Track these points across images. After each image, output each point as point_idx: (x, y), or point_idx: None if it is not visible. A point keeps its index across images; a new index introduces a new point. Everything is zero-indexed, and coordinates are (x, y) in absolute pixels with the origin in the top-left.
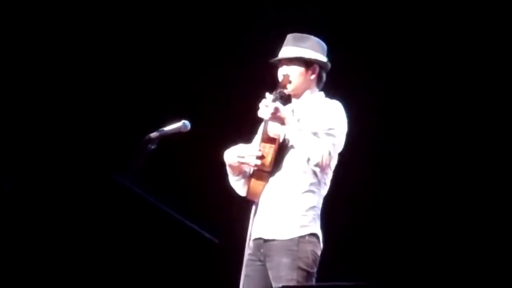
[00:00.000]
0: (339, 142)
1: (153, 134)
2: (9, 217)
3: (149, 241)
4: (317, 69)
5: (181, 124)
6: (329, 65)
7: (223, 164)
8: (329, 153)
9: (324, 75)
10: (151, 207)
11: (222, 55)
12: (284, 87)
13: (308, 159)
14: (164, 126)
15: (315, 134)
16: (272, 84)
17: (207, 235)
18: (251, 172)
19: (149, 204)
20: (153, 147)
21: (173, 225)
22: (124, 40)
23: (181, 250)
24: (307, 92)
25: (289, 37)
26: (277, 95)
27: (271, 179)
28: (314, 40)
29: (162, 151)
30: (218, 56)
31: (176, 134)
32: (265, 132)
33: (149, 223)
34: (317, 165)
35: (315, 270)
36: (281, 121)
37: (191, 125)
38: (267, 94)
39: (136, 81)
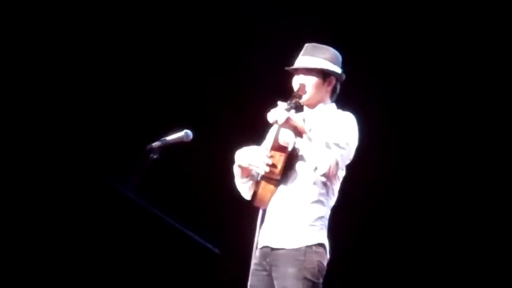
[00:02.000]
0: (348, 153)
1: (155, 144)
2: (8, 225)
3: (150, 251)
4: (334, 81)
5: (183, 134)
6: (344, 76)
7: (225, 173)
8: (337, 163)
9: (338, 87)
10: (152, 216)
11: (225, 65)
12: (300, 97)
13: (315, 168)
14: (166, 135)
15: (326, 144)
16: (276, 92)
17: (208, 245)
18: (259, 178)
19: (150, 213)
20: (155, 156)
21: (175, 235)
22: (127, 48)
23: (182, 260)
24: (321, 101)
25: (308, 46)
26: (292, 104)
27: (280, 187)
28: (332, 51)
29: (164, 161)
30: (221, 65)
31: (178, 143)
32: (276, 139)
33: (150, 233)
34: (323, 175)
35: (321, 280)
36: (293, 129)
37: (194, 135)
38: (279, 103)
39: (138, 91)
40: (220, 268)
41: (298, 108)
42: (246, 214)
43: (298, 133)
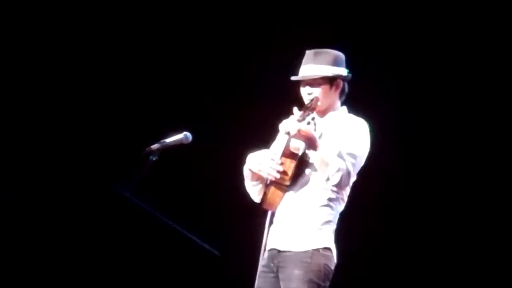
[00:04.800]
0: (360, 162)
1: (155, 146)
2: (9, 228)
3: (151, 253)
4: (341, 84)
5: (183, 136)
6: (350, 75)
7: (224, 175)
8: (348, 173)
9: (346, 87)
10: (152, 219)
11: (226, 66)
12: (314, 110)
13: (327, 179)
14: (166, 137)
15: (338, 154)
16: (278, 95)
17: (208, 247)
18: (269, 182)
19: (149, 216)
20: (154, 158)
21: (175, 237)
22: (127, 51)
23: (183, 262)
24: (331, 107)
25: (309, 53)
26: (305, 116)
27: (289, 192)
28: (333, 53)
29: (164, 163)
30: (221, 67)
31: (178, 145)
32: (287, 147)
33: (150, 235)
34: (335, 185)
35: (327, 284)
36: (304, 140)
37: (193, 137)
38: (295, 110)
39: (138, 93)
40: (223, 270)
41: (310, 120)
42: (248, 216)
43: (310, 143)
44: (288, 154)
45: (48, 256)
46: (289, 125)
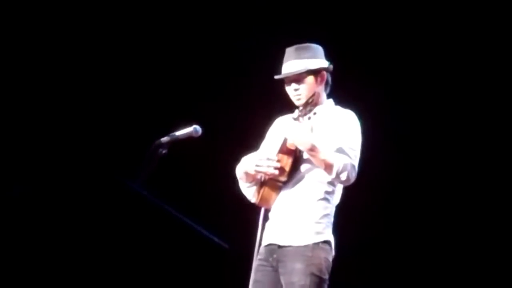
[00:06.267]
0: (359, 153)
1: (164, 139)
2: (19, 224)
3: (159, 245)
4: (325, 75)
5: (192, 129)
6: (332, 67)
7: (232, 169)
8: (354, 167)
9: (330, 78)
10: (161, 212)
11: (232, 62)
12: (317, 104)
13: (336, 177)
14: (175, 131)
15: (339, 149)
16: (279, 92)
17: (216, 240)
18: (264, 179)
19: (158, 209)
20: (163, 151)
21: (183, 229)
22: (136, 45)
23: (190, 254)
24: (318, 100)
25: (289, 50)
26: (308, 112)
27: (285, 187)
28: (313, 46)
29: (173, 156)
30: (229, 62)
31: (187, 139)
32: (284, 144)
33: (159, 227)
34: (345, 181)
35: (327, 277)
36: (302, 149)
37: (202, 130)
38: (296, 111)
39: (147, 86)
40: (227, 263)
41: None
42: (255, 211)
43: (310, 150)
44: (285, 151)
45: (58, 249)
46: (292, 138)
